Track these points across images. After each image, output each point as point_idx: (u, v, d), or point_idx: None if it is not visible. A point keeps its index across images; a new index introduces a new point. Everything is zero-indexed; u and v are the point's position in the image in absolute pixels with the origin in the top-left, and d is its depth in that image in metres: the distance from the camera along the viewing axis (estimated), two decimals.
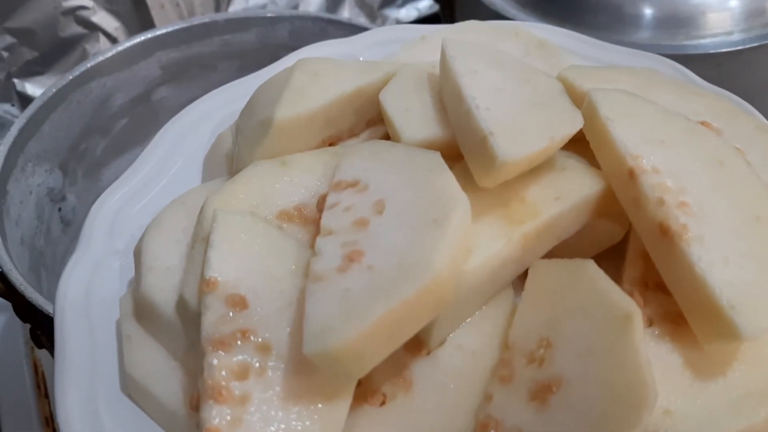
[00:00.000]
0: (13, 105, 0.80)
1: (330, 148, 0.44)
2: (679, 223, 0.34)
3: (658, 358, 0.33)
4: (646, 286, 0.36)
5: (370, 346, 0.30)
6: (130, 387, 0.37)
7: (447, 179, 0.35)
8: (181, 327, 0.37)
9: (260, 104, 0.44)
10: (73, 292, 0.41)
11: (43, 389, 0.68)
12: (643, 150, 0.36)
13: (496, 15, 0.74)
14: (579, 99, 0.41)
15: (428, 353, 0.35)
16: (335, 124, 0.44)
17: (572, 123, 0.38)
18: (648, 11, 0.72)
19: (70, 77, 0.69)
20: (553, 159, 0.39)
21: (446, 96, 0.42)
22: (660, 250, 0.35)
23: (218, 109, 0.52)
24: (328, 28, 0.75)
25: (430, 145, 0.40)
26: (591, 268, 0.33)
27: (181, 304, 0.36)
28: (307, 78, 0.44)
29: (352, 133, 0.46)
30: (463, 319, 0.36)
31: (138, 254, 0.41)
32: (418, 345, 0.35)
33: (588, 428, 0.29)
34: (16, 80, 0.80)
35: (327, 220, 0.36)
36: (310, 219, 0.40)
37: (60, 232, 0.70)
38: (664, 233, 0.34)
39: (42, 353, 0.70)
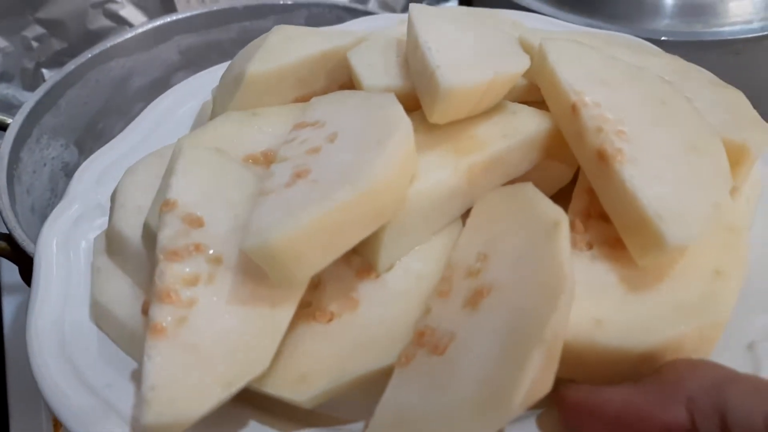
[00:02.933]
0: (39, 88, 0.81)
1: (300, 103, 0.46)
2: (614, 147, 0.35)
3: (594, 276, 0.34)
4: (589, 215, 0.37)
5: (309, 246, 0.32)
6: (97, 313, 0.39)
7: (395, 109, 0.37)
8: (146, 256, 0.39)
9: (236, 63, 0.47)
10: (55, 236, 0.43)
11: None
12: (586, 87, 0.38)
13: (514, 5, 0.76)
14: (531, 54, 0.42)
15: (377, 277, 0.37)
16: (307, 84, 0.47)
17: (519, 63, 0.39)
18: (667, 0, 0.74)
19: (90, 55, 0.70)
20: (504, 104, 0.41)
21: (408, 50, 0.44)
22: (598, 176, 0.36)
23: (208, 83, 0.55)
24: (345, 16, 0.76)
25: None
26: (528, 188, 0.35)
27: (146, 230, 0.38)
28: (281, 40, 0.47)
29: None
30: (411, 246, 0.37)
31: (113, 197, 0.43)
32: (367, 269, 0.37)
33: (512, 322, 0.30)
34: (44, 70, 0.82)
35: (283, 151, 0.38)
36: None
37: None
38: (601, 158, 0.35)
39: None
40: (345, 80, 0.48)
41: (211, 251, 0.35)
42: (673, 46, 0.55)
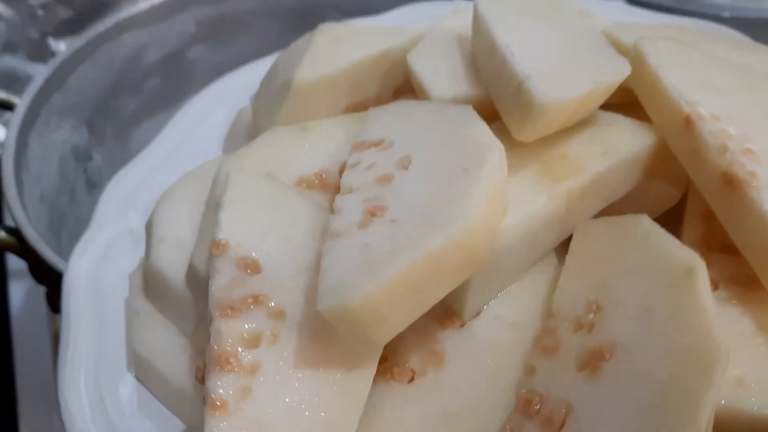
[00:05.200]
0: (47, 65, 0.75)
1: (353, 114, 0.41)
2: (746, 170, 0.30)
3: (726, 323, 0.29)
4: (708, 247, 0.32)
5: (393, 305, 0.27)
6: (138, 366, 0.34)
7: (479, 129, 0.32)
8: (191, 301, 0.34)
9: (280, 69, 0.41)
10: (83, 271, 0.38)
11: None
12: (699, 96, 0.33)
13: None
14: (625, 53, 0.37)
15: (462, 325, 0.32)
16: (360, 90, 0.41)
17: (618, 69, 0.34)
18: None
19: (102, 29, 0.64)
20: (597, 116, 0.35)
21: (479, 52, 0.38)
22: (724, 202, 0.30)
23: (242, 87, 0.49)
24: None
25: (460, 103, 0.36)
26: (645, 222, 0.30)
27: (191, 272, 0.33)
28: (329, 42, 0.41)
29: (379, 102, 0.43)
30: (500, 288, 0.32)
31: (149, 227, 0.38)
32: (450, 316, 0.32)
33: (650, 396, 0.25)
34: (50, 39, 0.76)
35: (348, 178, 0.33)
36: (332, 186, 0.37)
37: (85, 194, 0.64)
38: (729, 183, 0.30)
39: None
40: (400, 83, 0.43)
41: (272, 303, 0.30)
42: (736, 24, 0.49)
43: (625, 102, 0.36)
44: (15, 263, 0.68)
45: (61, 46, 0.75)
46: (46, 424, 0.58)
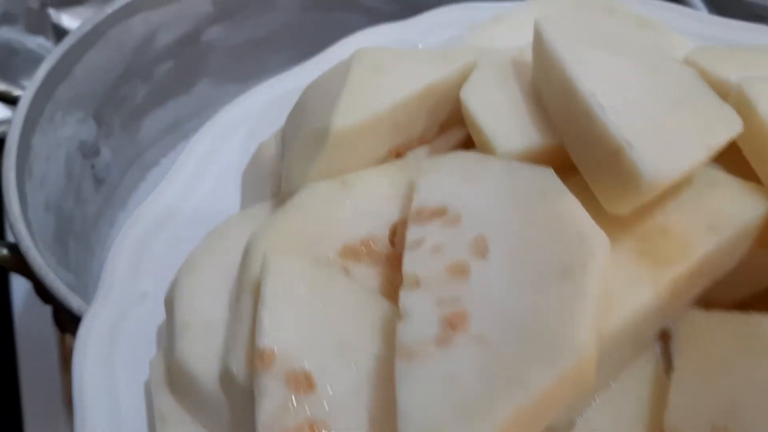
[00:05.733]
0: (47, 38, 0.70)
1: (398, 161, 0.35)
2: None
3: None
4: None
5: None
6: None
7: (571, 208, 0.26)
8: (226, 403, 0.29)
9: (312, 109, 0.36)
10: (94, 351, 0.33)
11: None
12: None
13: None
14: (719, 90, 0.32)
15: None
16: (404, 130, 0.36)
17: (729, 124, 0.29)
18: None
19: (110, 11, 0.57)
20: (694, 173, 0.30)
21: (548, 91, 0.33)
22: None
23: (258, 111, 0.44)
24: None
25: (531, 156, 0.31)
26: None
27: (227, 377, 0.28)
28: (369, 73, 0.35)
29: (423, 140, 0.37)
30: (594, 394, 0.27)
31: (170, 305, 0.33)
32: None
33: None
34: (51, 10, 0.70)
35: (411, 263, 0.28)
36: (382, 256, 0.32)
37: (92, 191, 0.60)
38: None
39: None
40: (447, 118, 0.38)
41: (332, 430, 0.25)
42: None
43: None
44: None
45: (63, 18, 0.70)
46: None
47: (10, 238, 0.53)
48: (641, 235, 0.28)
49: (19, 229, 0.47)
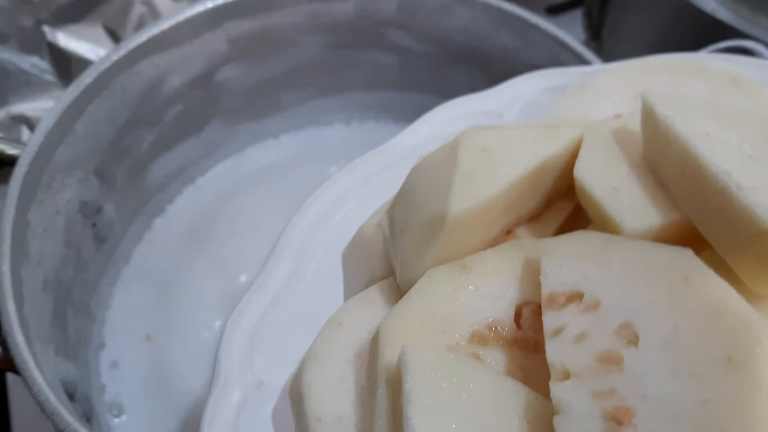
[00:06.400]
0: (42, 58, 0.65)
1: (514, 242, 0.35)
2: None
3: None
4: None
5: None
6: None
7: (722, 292, 0.26)
8: None
9: (423, 194, 0.36)
10: None
11: None
12: None
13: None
14: None
15: None
16: (515, 209, 0.36)
17: None
18: None
19: (115, 57, 0.52)
20: None
21: (666, 167, 0.33)
22: None
23: (351, 191, 0.44)
24: (450, 4, 0.60)
25: (658, 234, 0.31)
26: None
27: None
28: (478, 157, 0.35)
29: (532, 217, 0.37)
30: None
31: (297, 397, 0.33)
32: None
33: None
34: (46, 28, 0.65)
35: (556, 353, 0.27)
36: (509, 340, 0.32)
37: (93, 252, 0.56)
38: None
39: None
40: (553, 193, 0.37)
41: None
42: None
43: None
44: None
45: (59, 37, 0.65)
46: None
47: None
48: None
49: (16, 341, 0.42)
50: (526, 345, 0.31)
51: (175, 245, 0.61)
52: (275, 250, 0.42)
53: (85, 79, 0.52)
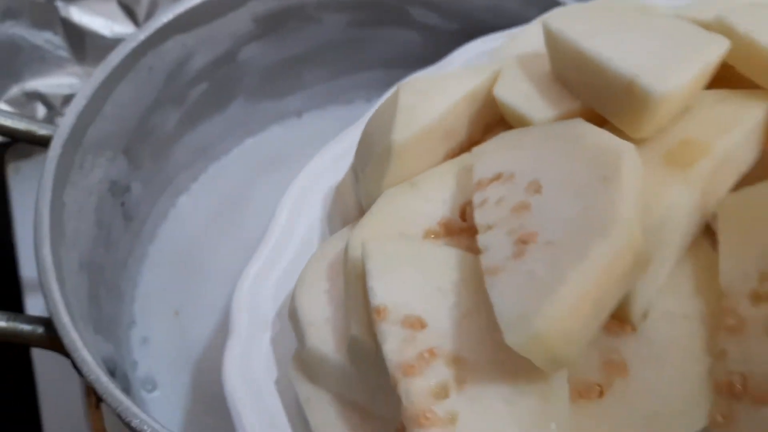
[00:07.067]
0: (56, 33, 0.64)
1: (455, 159, 0.41)
2: None
3: None
4: None
5: (576, 321, 0.27)
6: None
7: (600, 135, 0.32)
8: (355, 372, 0.35)
9: (373, 137, 0.42)
10: (236, 369, 0.39)
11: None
12: None
13: None
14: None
15: (634, 330, 0.31)
16: (453, 136, 0.42)
17: (717, 44, 0.34)
18: None
19: (141, 37, 0.52)
20: (703, 97, 0.35)
21: (564, 70, 0.39)
22: None
23: (332, 163, 0.50)
24: None
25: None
26: None
27: (354, 345, 0.34)
28: (414, 97, 0.42)
29: (472, 142, 0.44)
30: (658, 284, 0.32)
31: (294, 315, 0.39)
32: (620, 323, 0.31)
33: None
34: (59, 3, 0.63)
35: (481, 217, 0.34)
36: (458, 230, 0.37)
37: (121, 232, 0.57)
38: None
39: None
40: (489, 120, 0.44)
41: (447, 352, 0.30)
42: None
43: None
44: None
45: (72, 12, 0.64)
46: None
47: (30, 310, 0.53)
48: (666, 148, 0.33)
49: (59, 314, 0.43)
50: (470, 232, 0.37)
51: (200, 222, 0.61)
52: (269, 226, 0.48)
53: (113, 59, 0.52)
